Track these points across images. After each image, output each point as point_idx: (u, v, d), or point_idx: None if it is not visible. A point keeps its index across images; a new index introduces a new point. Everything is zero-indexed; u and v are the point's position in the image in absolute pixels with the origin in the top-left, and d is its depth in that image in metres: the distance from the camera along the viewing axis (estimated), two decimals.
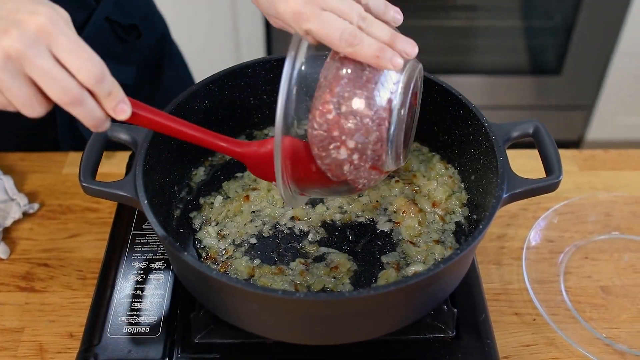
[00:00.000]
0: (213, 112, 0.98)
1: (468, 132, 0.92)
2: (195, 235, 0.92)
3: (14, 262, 1.06)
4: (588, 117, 2.67)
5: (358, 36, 0.72)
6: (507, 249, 1.09)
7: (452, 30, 2.56)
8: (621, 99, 2.58)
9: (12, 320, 0.98)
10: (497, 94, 2.63)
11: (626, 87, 2.53)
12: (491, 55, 2.65)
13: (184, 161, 0.97)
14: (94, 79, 0.65)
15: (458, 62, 2.65)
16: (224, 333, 0.84)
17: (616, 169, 1.23)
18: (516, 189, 0.81)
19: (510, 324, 0.99)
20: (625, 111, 2.62)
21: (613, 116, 2.64)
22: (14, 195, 1.12)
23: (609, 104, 2.60)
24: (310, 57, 0.76)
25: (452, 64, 2.65)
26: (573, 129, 2.72)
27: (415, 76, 0.77)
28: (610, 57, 2.46)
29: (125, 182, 0.81)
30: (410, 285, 0.71)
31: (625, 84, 2.52)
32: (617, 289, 1.04)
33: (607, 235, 1.11)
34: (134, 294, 0.89)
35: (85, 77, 0.64)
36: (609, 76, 2.51)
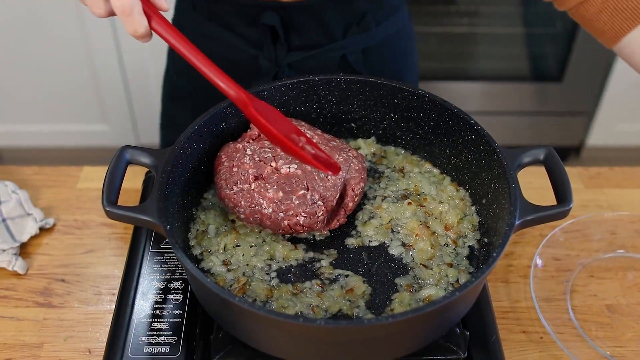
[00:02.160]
0: (229, 132, 1.00)
1: (480, 157, 0.94)
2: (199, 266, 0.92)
3: (32, 278, 1.08)
4: (589, 124, 2.69)
5: None
6: (514, 267, 1.11)
7: (454, 36, 2.58)
8: (622, 106, 2.61)
9: (31, 335, 1.00)
10: (499, 100, 2.65)
11: (627, 94, 2.56)
12: (493, 61, 2.67)
13: (200, 182, 0.99)
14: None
15: (460, 68, 2.67)
16: (242, 353, 0.86)
17: (621, 186, 1.26)
18: (528, 216, 0.83)
19: (518, 342, 1.01)
20: (626, 118, 2.65)
21: (613, 123, 2.67)
22: (30, 210, 1.14)
23: (609, 110, 2.62)
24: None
25: (454, 70, 2.67)
26: (573, 135, 2.74)
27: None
28: (612, 64, 2.48)
29: (147, 207, 0.83)
30: (427, 313, 0.73)
31: (626, 91, 2.55)
32: (622, 307, 1.06)
33: (612, 253, 1.13)
34: (154, 314, 0.91)
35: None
36: (609, 83, 2.54)
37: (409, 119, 1.03)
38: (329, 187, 0.92)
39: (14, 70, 2.42)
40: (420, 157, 1.06)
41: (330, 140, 0.99)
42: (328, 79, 1.02)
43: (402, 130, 1.05)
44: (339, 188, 0.93)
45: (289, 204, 0.90)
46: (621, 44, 1.04)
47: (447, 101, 0.97)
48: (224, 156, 0.97)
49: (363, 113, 1.06)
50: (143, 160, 0.89)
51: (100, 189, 1.02)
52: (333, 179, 0.93)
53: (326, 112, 1.06)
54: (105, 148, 2.64)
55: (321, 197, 0.91)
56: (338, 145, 0.99)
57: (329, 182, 0.92)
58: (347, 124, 1.08)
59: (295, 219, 0.91)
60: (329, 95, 1.04)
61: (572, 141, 2.76)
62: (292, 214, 0.90)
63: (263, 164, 0.93)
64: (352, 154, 0.98)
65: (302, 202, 0.90)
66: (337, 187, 0.93)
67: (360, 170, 0.97)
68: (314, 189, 0.91)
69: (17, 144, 2.66)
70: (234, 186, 0.93)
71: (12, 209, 1.13)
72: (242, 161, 0.94)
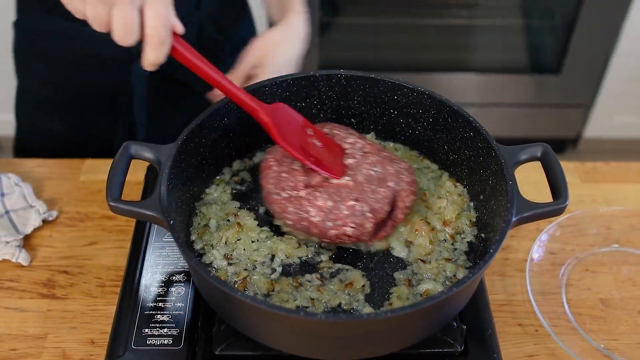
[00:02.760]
0: (231, 128, 1.01)
1: (477, 154, 0.96)
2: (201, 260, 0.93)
3: (35, 269, 1.09)
4: (586, 116, 2.71)
5: None
6: (510, 260, 1.13)
7: (453, 28, 2.59)
8: (619, 98, 2.62)
9: (35, 327, 1.02)
10: (497, 92, 2.67)
11: (624, 86, 2.57)
12: (491, 53, 2.68)
13: (202, 177, 1.00)
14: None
15: (459, 60, 2.68)
16: (244, 345, 0.88)
17: (617, 181, 1.27)
18: (524, 213, 0.85)
19: (513, 334, 1.03)
20: (623, 110, 2.66)
21: (611, 115, 2.68)
22: (33, 203, 1.16)
23: (607, 102, 2.64)
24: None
25: (452, 61, 2.68)
26: (571, 127, 2.76)
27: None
28: (610, 56, 2.49)
29: (151, 202, 0.84)
30: (425, 308, 0.75)
31: (624, 83, 2.56)
32: (616, 301, 1.08)
33: (607, 248, 1.15)
34: (156, 306, 0.93)
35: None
36: (607, 75, 2.55)
37: (409, 115, 1.04)
38: (379, 199, 0.92)
39: None
40: (419, 152, 1.08)
41: (381, 151, 0.98)
42: (329, 75, 1.04)
43: (401, 126, 1.07)
44: (389, 200, 0.93)
45: (338, 213, 0.90)
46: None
47: (446, 98, 0.98)
48: (273, 160, 0.97)
49: (363, 109, 1.07)
50: (146, 155, 0.91)
51: (102, 181, 1.03)
52: (384, 190, 0.93)
53: (326, 108, 1.07)
54: None
55: (371, 208, 0.91)
56: (388, 156, 0.98)
57: (380, 194, 0.92)
58: (347, 120, 1.09)
59: (343, 229, 0.90)
60: (330, 91, 1.05)
61: (569, 133, 2.78)
62: (340, 224, 0.90)
63: (313, 172, 0.93)
64: (403, 166, 0.97)
65: (351, 213, 0.90)
66: (387, 199, 0.92)
67: (411, 183, 0.96)
68: (364, 201, 0.91)
69: None
70: (282, 192, 0.93)
71: (16, 201, 1.15)
72: (292, 167, 0.94)
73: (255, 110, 0.93)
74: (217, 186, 1.03)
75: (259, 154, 1.09)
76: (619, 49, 2.45)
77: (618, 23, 2.40)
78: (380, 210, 0.91)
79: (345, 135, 1.00)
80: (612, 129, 2.74)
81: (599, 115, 2.68)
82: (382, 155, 0.98)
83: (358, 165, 0.95)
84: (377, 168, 0.95)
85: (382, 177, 0.94)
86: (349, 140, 0.99)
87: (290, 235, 0.96)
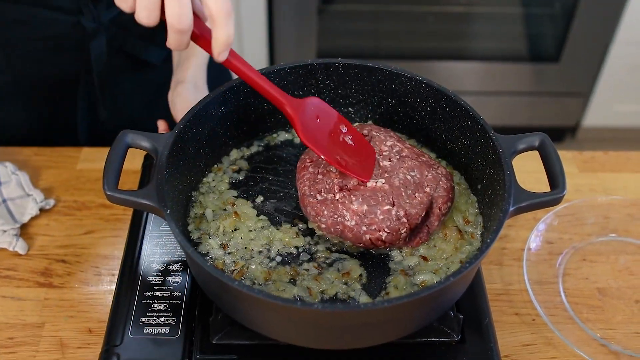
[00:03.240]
0: (228, 117, 1.01)
1: (475, 143, 0.95)
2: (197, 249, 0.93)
3: (33, 258, 1.09)
4: (585, 104, 2.70)
5: None
6: (508, 249, 1.13)
7: (451, 16, 2.58)
8: (618, 87, 2.62)
9: (33, 315, 1.02)
10: (496, 80, 2.66)
11: (623, 75, 2.57)
12: (490, 41, 2.67)
13: (199, 166, 1.00)
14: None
15: (458, 48, 2.67)
16: (241, 334, 0.88)
17: (615, 171, 1.27)
18: (522, 203, 0.84)
19: (510, 323, 1.03)
20: (622, 99, 2.66)
21: (610, 103, 2.68)
22: (30, 191, 1.16)
23: (606, 91, 2.63)
24: None
25: (451, 49, 2.67)
26: (570, 116, 2.75)
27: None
28: (609, 45, 2.49)
29: (148, 191, 0.84)
30: (422, 297, 0.75)
31: (623, 72, 2.56)
32: (613, 290, 1.08)
33: (604, 237, 1.15)
34: (153, 295, 0.93)
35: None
36: (606, 64, 2.54)
37: (406, 104, 1.04)
38: (415, 204, 0.91)
39: None
40: (417, 141, 1.08)
41: (419, 155, 0.97)
42: (327, 64, 1.03)
43: (399, 115, 1.06)
44: (425, 206, 0.92)
45: (373, 218, 0.89)
46: None
47: (444, 87, 0.98)
48: (309, 160, 0.97)
49: (361, 97, 1.07)
50: (143, 144, 0.90)
51: (99, 170, 1.03)
52: (420, 196, 0.92)
53: (324, 97, 1.07)
54: None
55: (406, 214, 0.90)
56: (427, 162, 0.97)
57: (416, 200, 0.91)
58: (344, 109, 1.09)
59: (378, 234, 0.90)
60: (327, 80, 1.05)
61: (568, 122, 2.78)
62: (375, 229, 0.90)
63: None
64: (441, 172, 0.96)
65: (387, 218, 0.89)
66: (423, 205, 0.91)
67: (449, 190, 0.95)
68: (399, 205, 0.90)
69: None
70: (318, 194, 0.92)
71: (13, 190, 1.14)
72: (328, 169, 0.94)
73: (281, 103, 0.90)
74: (215, 175, 1.03)
75: (256, 143, 1.08)
76: (619, 37, 2.44)
77: (617, 11, 2.39)
78: (415, 216, 0.90)
79: (384, 137, 0.98)
80: (611, 118, 2.74)
81: (598, 103, 2.68)
82: (421, 160, 0.96)
83: (394, 169, 0.93)
84: (414, 172, 0.93)
85: (419, 182, 0.93)
86: (387, 143, 0.97)
87: (287, 225, 0.95)
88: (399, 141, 0.99)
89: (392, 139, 0.98)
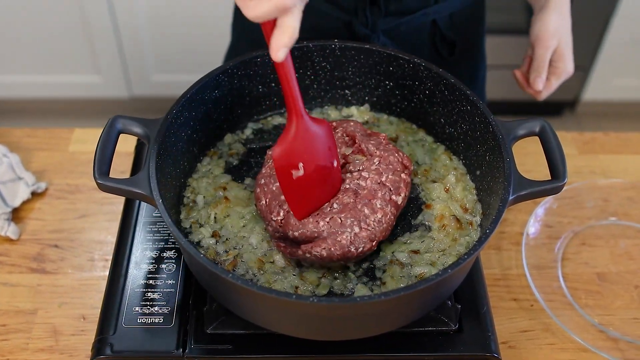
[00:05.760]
0: (222, 100, 0.99)
1: (475, 128, 0.93)
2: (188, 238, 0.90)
3: (25, 243, 1.08)
4: (585, 78, 2.67)
5: None
6: (507, 233, 1.12)
7: None
8: (618, 61, 2.58)
9: (26, 302, 1.00)
10: (495, 54, 2.61)
11: (624, 48, 2.53)
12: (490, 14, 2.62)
13: (193, 152, 0.98)
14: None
15: None
16: (236, 324, 0.87)
17: (615, 152, 1.26)
18: (522, 191, 0.83)
19: (508, 309, 1.02)
20: (622, 73, 2.63)
21: (610, 77, 2.65)
22: (22, 174, 1.14)
23: (606, 65, 2.60)
24: None
25: None
26: (569, 90, 2.72)
27: None
28: (610, 18, 2.45)
29: (140, 179, 0.82)
30: (419, 290, 0.74)
31: (623, 46, 2.52)
32: (613, 275, 1.07)
33: (604, 221, 1.14)
34: (147, 284, 0.91)
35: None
36: (607, 37, 2.51)
37: (404, 87, 1.02)
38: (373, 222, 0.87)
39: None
40: (415, 125, 1.05)
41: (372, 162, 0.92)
42: (322, 45, 1.01)
43: (396, 98, 1.04)
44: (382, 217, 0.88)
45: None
46: None
47: (443, 70, 0.95)
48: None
49: (357, 80, 1.05)
50: (135, 130, 0.88)
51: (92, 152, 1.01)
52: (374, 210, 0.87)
53: (320, 79, 1.04)
54: (97, 99, 2.61)
55: (368, 236, 0.86)
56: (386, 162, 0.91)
57: (370, 217, 0.87)
58: (341, 91, 1.06)
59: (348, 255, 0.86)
60: (324, 62, 1.02)
61: (567, 96, 2.75)
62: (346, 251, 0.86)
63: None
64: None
65: (350, 242, 0.85)
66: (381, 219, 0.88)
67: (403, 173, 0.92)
68: (358, 226, 0.86)
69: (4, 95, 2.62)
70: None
71: (4, 173, 1.12)
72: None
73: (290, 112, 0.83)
74: (211, 159, 1.01)
75: (250, 125, 1.06)
76: (620, 10, 2.41)
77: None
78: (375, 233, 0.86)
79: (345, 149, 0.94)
80: (611, 92, 2.71)
81: (598, 77, 2.65)
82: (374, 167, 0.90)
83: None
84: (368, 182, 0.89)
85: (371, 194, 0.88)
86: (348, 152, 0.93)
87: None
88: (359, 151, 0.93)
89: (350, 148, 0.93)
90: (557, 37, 1.11)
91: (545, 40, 1.11)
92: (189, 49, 2.42)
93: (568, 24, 1.14)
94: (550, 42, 1.11)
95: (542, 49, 1.11)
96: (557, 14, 1.12)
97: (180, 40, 2.41)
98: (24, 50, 2.45)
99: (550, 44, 1.11)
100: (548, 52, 1.11)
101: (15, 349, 0.95)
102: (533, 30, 1.14)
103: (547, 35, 1.11)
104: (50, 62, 2.49)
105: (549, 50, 1.11)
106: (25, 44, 2.44)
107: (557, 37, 1.11)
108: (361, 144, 0.92)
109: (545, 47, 1.11)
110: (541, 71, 1.11)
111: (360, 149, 0.92)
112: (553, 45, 1.11)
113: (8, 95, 2.61)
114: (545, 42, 1.11)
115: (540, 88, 1.11)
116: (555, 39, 1.11)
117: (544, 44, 1.11)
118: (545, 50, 1.11)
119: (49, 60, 2.49)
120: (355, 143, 0.93)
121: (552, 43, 1.11)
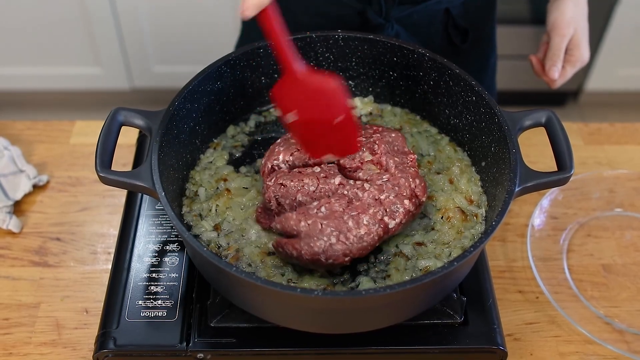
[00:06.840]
0: (225, 91, 0.98)
1: (480, 119, 0.92)
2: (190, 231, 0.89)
3: (27, 236, 1.07)
4: (588, 68, 2.66)
5: None
6: (512, 225, 1.11)
7: None
8: (622, 50, 2.57)
9: (28, 295, 1.00)
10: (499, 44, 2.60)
11: (628, 38, 2.52)
12: None
13: (195, 144, 0.97)
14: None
15: None
16: (239, 317, 0.86)
17: (621, 143, 1.25)
18: (528, 183, 0.82)
19: (514, 301, 1.02)
20: (626, 62, 2.61)
21: (613, 67, 2.63)
22: (23, 167, 1.13)
23: (609, 55, 2.58)
24: None
25: None
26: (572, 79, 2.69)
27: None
28: (613, 8, 2.43)
29: (142, 172, 0.81)
30: (425, 283, 0.73)
31: (627, 35, 2.50)
32: (618, 267, 1.06)
33: (610, 212, 1.13)
34: (150, 277, 0.90)
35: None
36: (610, 27, 2.49)
37: (408, 77, 1.01)
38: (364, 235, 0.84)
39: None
40: (419, 116, 1.04)
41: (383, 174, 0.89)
42: (326, 36, 1.00)
43: (400, 88, 1.03)
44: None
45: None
46: None
47: (448, 61, 0.94)
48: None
49: (361, 71, 1.04)
50: (137, 122, 0.87)
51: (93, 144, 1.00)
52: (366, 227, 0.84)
53: (323, 70, 1.03)
54: (98, 91, 2.60)
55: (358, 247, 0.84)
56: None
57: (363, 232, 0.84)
58: (344, 82, 1.05)
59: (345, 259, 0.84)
60: (327, 53, 1.01)
61: (570, 86, 2.73)
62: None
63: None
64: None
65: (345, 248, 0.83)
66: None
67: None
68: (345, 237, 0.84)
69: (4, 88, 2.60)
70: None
71: (5, 166, 1.11)
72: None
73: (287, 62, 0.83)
74: (214, 150, 1.00)
75: (253, 118, 1.05)
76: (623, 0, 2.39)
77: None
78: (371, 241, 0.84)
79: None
80: (614, 81, 2.69)
81: (602, 67, 2.63)
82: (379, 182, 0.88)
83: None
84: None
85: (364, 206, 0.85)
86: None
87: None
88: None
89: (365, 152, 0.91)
90: (573, 26, 1.11)
91: (561, 29, 1.11)
92: (191, 39, 2.40)
93: (584, 12, 1.14)
94: (567, 30, 1.11)
95: (559, 37, 1.11)
96: (574, 3, 1.13)
97: (181, 31, 2.39)
98: (24, 42, 2.44)
99: (567, 32, 1.11)
100: (564, 40, 1.11)
101: (18, 342, 0.95)
102: (549, 19, 1.14)
103: (563, 24, 1.11)
104: (50, 53, 2.48)
105: (565, 39, 1.11)
106: (26, 36, 2.42)
107: (573, 25, 1.11)
108: (382, 156, 0.89)
109: (561, 35, 1.11)
110: (556, 60, 1.11)
111: (379, 161, 0.90)
112: (569, 34, 1.11)
113: (9, 88, 2.60)
114: (561, 30, 1.11)
115: (557, 77, 1.12)
116: (571, 27, 1.11)
117: (560, 32, 1.11)
118: (561, 39, 1.11)
119: (50, 52, 2.47)
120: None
121: (568, 31, 1.11)
